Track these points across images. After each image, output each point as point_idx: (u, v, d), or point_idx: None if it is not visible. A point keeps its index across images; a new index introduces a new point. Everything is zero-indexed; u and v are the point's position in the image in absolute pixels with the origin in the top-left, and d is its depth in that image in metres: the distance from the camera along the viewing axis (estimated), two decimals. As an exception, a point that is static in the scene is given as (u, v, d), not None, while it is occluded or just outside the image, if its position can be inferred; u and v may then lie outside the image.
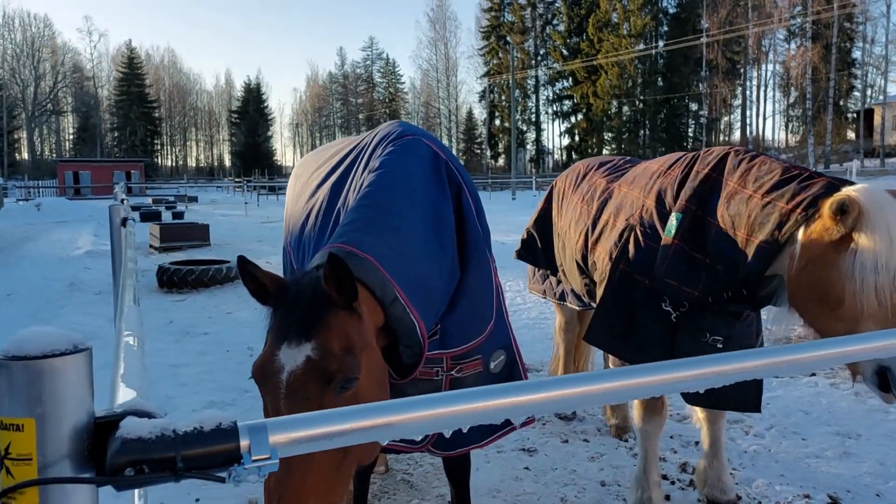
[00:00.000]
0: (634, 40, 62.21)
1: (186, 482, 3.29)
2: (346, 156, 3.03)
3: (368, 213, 2.27)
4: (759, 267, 2.68)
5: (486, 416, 0.93)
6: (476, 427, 2.61)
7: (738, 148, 3.09)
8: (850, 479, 3.83)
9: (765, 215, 2.65)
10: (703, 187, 2.97)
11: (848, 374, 5.51)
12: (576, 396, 1.02)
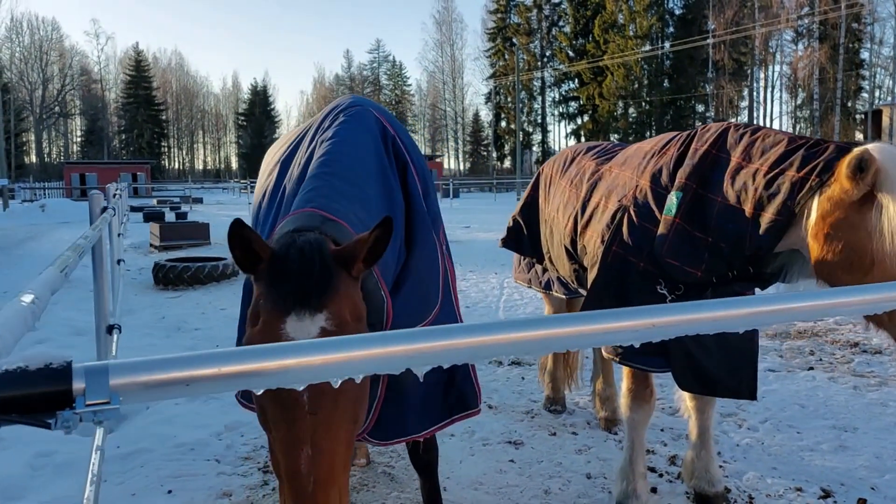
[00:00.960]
0: (640, 41, 62.05)
1: (157, 471, 3.18)
2: (299, 134, 2.92)
3: (332, 182, 2.13)
4: (770, 241, 2.57)
5: (364, 366, 0.82)
6: (414, 418, 2.49)
7: (737, 123, 2.98)
8: (845, 473, 3.70)
9: (775, 187, 2.53)
10: (702, 164, 2.86)
11: (846, 368, 5.38)
12: (475, 346, 0.92)
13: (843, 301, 1.21)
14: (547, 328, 0.94)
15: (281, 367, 0.77)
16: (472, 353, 0.88)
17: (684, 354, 3.04)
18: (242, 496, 3.54)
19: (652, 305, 0.95)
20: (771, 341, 6.43)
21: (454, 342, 0.85)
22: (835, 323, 7.04)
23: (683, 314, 1.00)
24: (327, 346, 0.81)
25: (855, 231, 2.32)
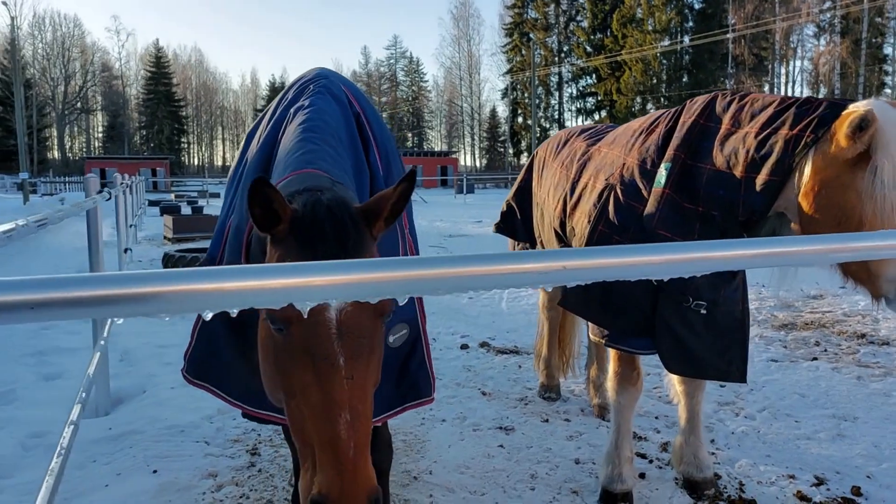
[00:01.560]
0: (659, 36, 61.47)
1: (144, 452, 3.15)
2: (263, 112, 2.87)
3: (325, 147, 2.05)
4: (764, 203, 2.51)
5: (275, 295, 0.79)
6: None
7: (724, 91, 2.92)
8: (841, 461, 3.61)
9: (768, 147, 2.49)
10: (690, 134, 2.80)
11: (851, 358, 5.27)
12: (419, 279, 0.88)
13: (794, 250, 1.15)
14: (459, 266, 0.90)
15: (141, 294, 0.74)
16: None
17: (671, 336, 2.97)
18: (228, 477, 3.52)
19: (566, 249, 0.90)
20: (776, 332, 6.32)
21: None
22: (843, 315, 6.91)
23: (596, 258, 0.95)
24: (199, 275, 0.78)
25: (845, 190, 2.29)
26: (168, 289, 0.74)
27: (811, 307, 7.33)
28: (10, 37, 66.52)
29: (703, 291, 2.91)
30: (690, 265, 0.99)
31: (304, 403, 1.47)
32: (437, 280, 0.86)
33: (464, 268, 0.90)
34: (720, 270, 1.02)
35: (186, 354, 2.40)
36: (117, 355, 5.81)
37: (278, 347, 1.52)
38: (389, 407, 2.48)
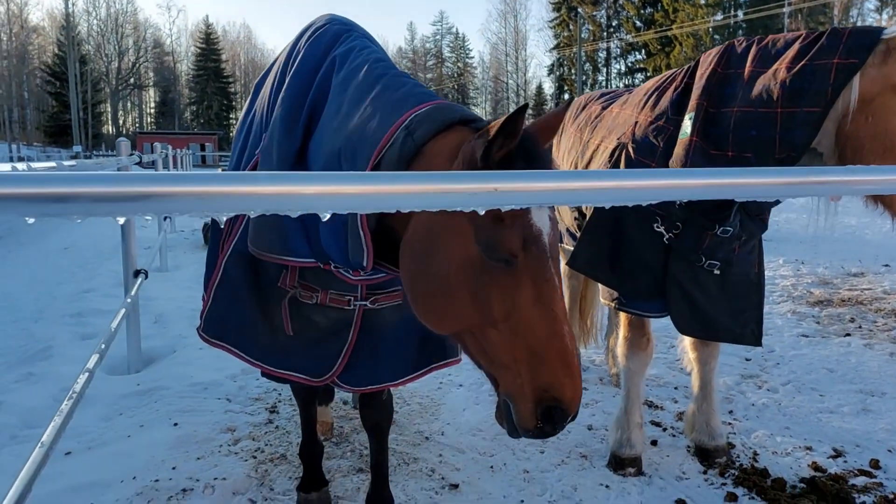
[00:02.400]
0: (712, 10, 59.61)
1: (168, 407, 3.27)
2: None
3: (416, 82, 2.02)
4: (806, 136, 2.42)
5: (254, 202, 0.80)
6: (387, 366, 2.43)
7: (738, 39, 2.83)
8: (863, 435, 3.52)
9: (805, 78, 2.39)
10: (710, 84, 2.71)
11: (886, 335, 5.11)
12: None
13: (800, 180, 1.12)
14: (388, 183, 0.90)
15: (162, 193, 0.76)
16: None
17: (683, 296, 2.93)
18: (245, 432, 3.62)
19: (498, 171, 0.89)
20: (811, 308, 6.15)
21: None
22: (882, 292, 6.68)
23: (525, 182, 0.94)
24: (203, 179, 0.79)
25: (894, 114, 2.24)
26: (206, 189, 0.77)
27: (850, 284, 7.10)
28: (66, 13, 68.21)
29: (715, 250, 2.85)
30: (616, 193, 0.97)
31: (522, 324, 1.55)
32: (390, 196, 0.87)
33: (396, 185, 0.90)
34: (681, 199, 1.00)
35: (203, 314, 2.41)
36: (152, 318, 5.99)
37: (491, 281, 1.56)
38: (416, 368, 2.49)
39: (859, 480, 3.05)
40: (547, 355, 1.54)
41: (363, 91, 1.92)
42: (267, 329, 2.33)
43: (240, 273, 2.27)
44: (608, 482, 3.08)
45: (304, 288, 2.23)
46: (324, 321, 2.31)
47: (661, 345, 4.75)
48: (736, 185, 1.06)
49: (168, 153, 11.05)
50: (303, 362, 2.36)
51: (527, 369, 1.55)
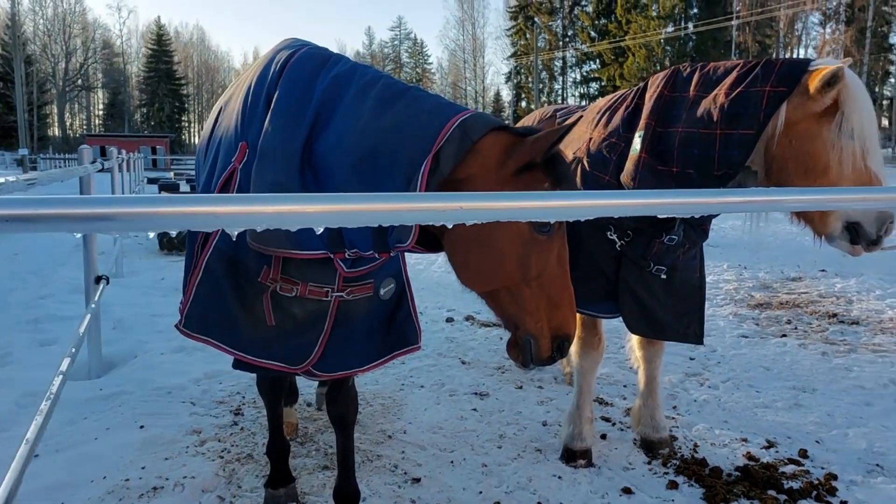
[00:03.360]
0: (663, 22, 61.12)
1: (133, 410, 3.37)
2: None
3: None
4: (741, 155, 2.66)
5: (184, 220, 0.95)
6: (356, 353, 2.60)
7: (683, 65, 3.08)
8: (794, 427, 3.80)
9: (741, 103, 2.64)
10: (658, 104, 2.95)
11: (819, 336, 5.44)
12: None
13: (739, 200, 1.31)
14: (368, 203, 1.07)
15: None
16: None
17: (633, 298, 3.17)
18: (211, 434, 3.71)
19: (462, 192, 1.06)
20: (751, 311, 6.50)
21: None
22: (818, 296, 7.09)
23: (483, 202, 1.12)
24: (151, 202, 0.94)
25: (813, 140, 2.51)
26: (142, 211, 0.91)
27: (788, 288, 7.50)
28: (11, 12, 66.16)
29: (663, 257, 3.09)
30: (565, 211, 1.15)
31: (546, 281, 2.09)
32: (358, 214, 1.03)
33: (374, 204, 1.07)
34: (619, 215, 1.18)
35: (183, 311, 2.49)
36: (111, 324, 5.99)
37: (534, 248, 2.04)
38: (380, 355, 2.68)
39: (789, 468, 3.32)
40: (561, 303, 2.11)
41: (387, 100, 2.12)
42: (248, 322, 2.46)
43: (221, 270, 2.40)
44: (561, 473, 3.28)
45: (285, 281, 2.37)
46: (301, 312, 2.45)
47: (613, 345, 4.99)
48: (678, 205, 1.24)
49: (122, 158, 10.94)
50: (283, 351, 2.50)
51: (546, 314, 2.10)
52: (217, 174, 2.39)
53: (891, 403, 4.16)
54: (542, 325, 2.09)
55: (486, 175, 2.04)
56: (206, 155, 2.63)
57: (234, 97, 2.51)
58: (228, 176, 2.31)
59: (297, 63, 2.31)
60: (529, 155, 2.01)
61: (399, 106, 2.10)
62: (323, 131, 2.15)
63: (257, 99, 2.33)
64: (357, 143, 2.08)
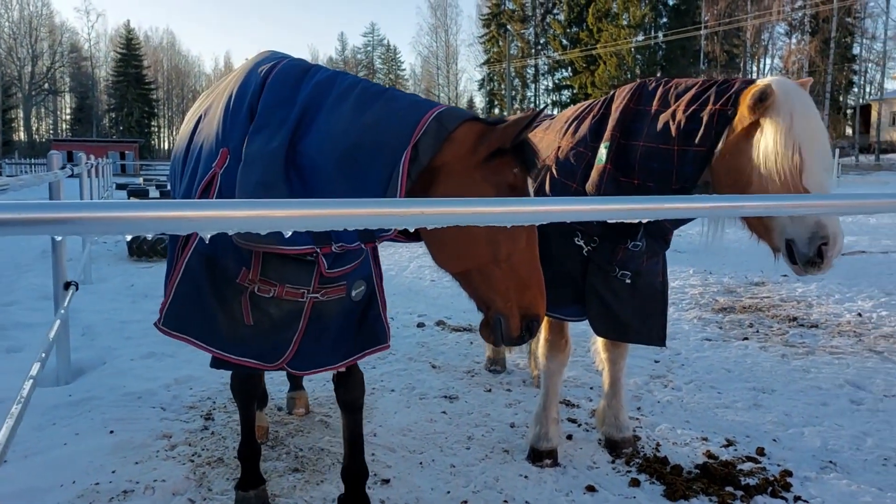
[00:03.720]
0: (633, 31, 61.99)
1: (102, 415, 3.39)
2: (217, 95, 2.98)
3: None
4: (695, 172, 2.78)
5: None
6: (328, 351, 2.70)
7: (649, 78, 3.19)
8: (752, 426, 3.93)
9: (695, 121, 2.75)
10: (624, 117, 3.06)
11: (780, 339, 5.61)
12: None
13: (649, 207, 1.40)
14: (317, 208, 1.13)
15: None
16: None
17: (600, 302, 3.27)
18: (181, 438, 3.73)
19: (423, 198, 1.13)
20: (715, 314, 6.67)
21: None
22: (780, 300, 7.29)
23: (447, 207, 1.19)
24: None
25: (741, 155, 2.63)
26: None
27: (752, 293, 7.70)
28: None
29: (627, 263, 3.20)
30: (513, 216, 1.23)
31: (515, 262, 2.20)
32: (325, 218, 1.09)
33: (343, 209, 1.14)
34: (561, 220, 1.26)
35: (163, 310, 2.57)
36: (79, 330, 5.95)
37: (503, 230, 2.14)
38: (351, 353, 2.79)
39: (746, 466, 3.44)
40: (530, 284, 2.23)
41: (366, 101, 2.25)
42: (226, 321, 2.55)
43: (200, 271, 2.49)
44: (527, 473, 3.36)
45: (263, 283, 2.48)
46: (278, 312, 2.56)
47: (580, 349, 5.09)
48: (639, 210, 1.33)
49: (91, 164, 10.83)
50: (259, 350, 2.59)
51: (516, 295, 2.22)
52: (198, 179, 2.46)
53: (845, 403, 4.31)
54: (512, 305, 2.22)
55: (461, 161, 2.18)
56: (184, 162, 2.70)
57: (214, 105, 2.59)
58: (209, 181, 2.38)
59: (280, 73, 2.42)
60: (499, 141, 2.15)
61: (378, 105, 2.23)
62: (306, 134, 2.25)
63: (239, 108, 2.41)
64: (339, 141, 2.20)
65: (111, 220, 1.00)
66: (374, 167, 2.16)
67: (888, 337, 5.84)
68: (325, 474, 3.34)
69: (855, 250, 10.95)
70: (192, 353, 5.31)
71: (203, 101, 2.94)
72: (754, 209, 1.94)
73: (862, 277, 8.49)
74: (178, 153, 2.90)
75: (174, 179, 3.01)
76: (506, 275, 2.20)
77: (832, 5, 48.66)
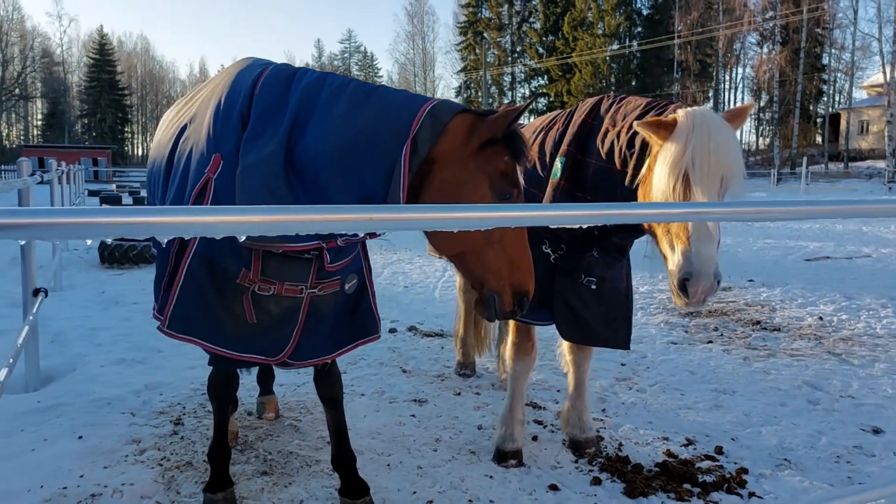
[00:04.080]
0: (609, 40, 62.66)
1: (72, 421, 3.42)
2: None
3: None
4: (634, 194, 2.88)
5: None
6: (325, 342, 2.81)
7: (609, 94, 3.29)
8: (712, 426, 4.05)
9: (631, 144, 2.87)
10: (580, 132, 3.17)
11: (742, 342, 5.75)
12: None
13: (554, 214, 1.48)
14: (285, 214, 1.20)
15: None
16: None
17: (566, 307, 3.37)
18: (150, 443, 3.75)
19: (370, 205, 1.20)
20: (681, 318, 6.82)
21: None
22: (745, 304, 7.47)
23: (394, 213, 1.27)
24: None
25: (650, 172, 2.74)
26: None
27: (718, 297, 7.87)
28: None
29: (592, 268, 3.30)
30: (453, 222, 1.31)
31: (507, 244, 2.32)
32: (288, 223, 1.16)
33: (293, 215, 1.20)
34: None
35: (167, 313, 2.64)
36: (49, 337, 5.91)
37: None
38: (345, 343, 2.93)
39: (704, 464, 3.55)
40: (520, 263, 2.35)
41: (360, 99, 2.37)
42: (229, 320, 2.65)
43: (202, 274, 2.58)
44: (492, 473, 3.43)
45: (263, 282, 2.59)
46: (277, 309, 2.67)
47: (549, 353, 5.18)
48: (556, 217, 1.41)
49: (62, 170, 10.74)
50: (262, 345, 2.71)
51: (507, 274, 2.34)
52: (189, 185, 2.54)
53: (803, 403, 4.45)
54: (504, 283, 2.35)
55: (456, 151, 2.31)
56: (169, 169, 2.78)
57: (201, 113, 2.67)
58: (203, 186, 2.47)
59: (268, 79, 2.51)
60: (490, 132, 2.28)
61: (371, 103, 2.35)
62: (301, 136, 2.36)
63: (229, 115, 2.51)
64: (335, 140, 2.31)
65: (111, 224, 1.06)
66: (375, 162, 2.29)
67: (847, 340, 6.02)
68: (293, 477, 3.38)
69: (820, 256, 11.23)
70: (162, 360, 5.33)
71: (182, 109, 3.01)
72: (627, 217, 1.95)
73: (825, 282, 8.72)
74: (158, 160, 2.97)
75: (153, 187, 3.07)
76: (498, 256, 2.33)
77: (802, 16, 49.61)
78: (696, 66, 58.93)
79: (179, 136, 2.80)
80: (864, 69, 59.41)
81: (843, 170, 47.90)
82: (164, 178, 2.85)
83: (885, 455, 3.70)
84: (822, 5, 51.88)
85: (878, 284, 8.66)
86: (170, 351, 5.56)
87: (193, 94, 3.07)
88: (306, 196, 2.34)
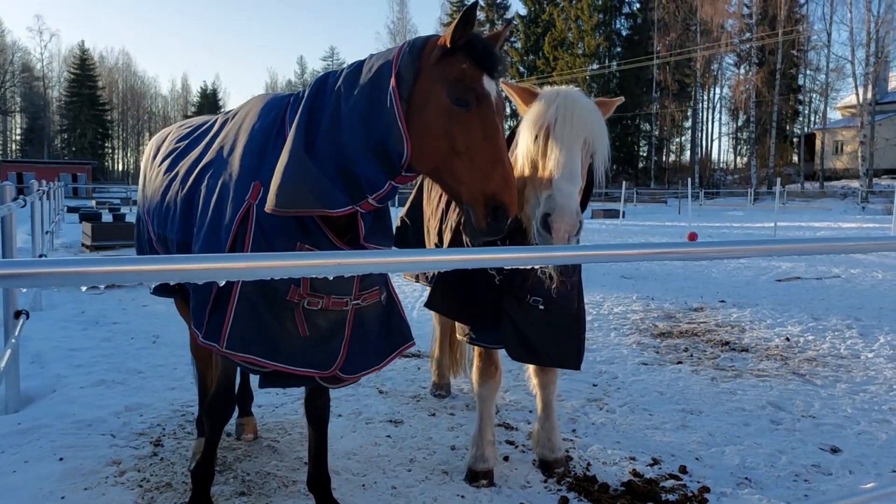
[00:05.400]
0: (588, 59, 63.54)
1: (52, 443, 3.52)
2: (207, 132, 3.33)
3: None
4: None
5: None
6: (373, 352, 2.98)
7: None
8: (678, 446, 4.20)
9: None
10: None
11: (711, 363, 5.92)
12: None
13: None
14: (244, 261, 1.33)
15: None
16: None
17: (513, 327, 3.46)
18: (131, 464, 3.82)
19: (345, 251, 1.33)
20: (653, 339, 6.99)
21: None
22: (715, 325, 7.66)
23: (359, 258, 1.40)
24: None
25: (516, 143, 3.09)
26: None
27: (690, 318, 8.07)
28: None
29: (537, 288, 3.41)
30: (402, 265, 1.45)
31: (475, 154, 2.39)
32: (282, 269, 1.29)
33: (274, 262, 1.33)
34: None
35: (223, 335, 2.72)
36: (29, 358, 5.95)
37: (457, 122, 2.41)
38: (388, 353, 3.06)
39: (668, 483, 3.69)
40: (492, 174, 2.37)
41: (353, 79, 2.64)
42: (284, 336, 2.77)
43: (254, 293, 2.72)
44: (464, 493, 3.55)
45: (312, 296, 2.72)
46: (325, 323, 2.80)
47: (522, 373, 5.31)
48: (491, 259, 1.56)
49: (43, 188, 10.76)
50: (315, 359, 2.82)
51: (479, 184, 2.38)
52: (230, 213, 2.76)
53: (766, 423, 4.62)
54: (477, 194, 2.39)
55: (427, 68, 2.49)
56: (188, 204, 3.05)
57: (228, 148, 2.99)
58: (245, 212, 2.69)
59: (303, 112, 2.72)
60: (443, 40, 2.46)
61: (364, 69, 2.63)
62: (315, 137, 2.64)
63: (264, 146, 2.81)
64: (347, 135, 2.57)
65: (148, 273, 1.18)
66: (378, 106, 2.50)
67: (811, 360, 6.22)
68: (270, 497, 3.48)
69: (791, 276, 11.50)
70: (142, 381, 5.39)
71: (183, 142, 3.35)
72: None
73: (794, 303, 8.95)
74: (171, 195, 3.21)
75: (160, 220, 3.31)
76: (467, 166, 2.39)
77: (777, 38, 50.68)
78: (675, 86, 59.94)
79: (202, 171, 3.06)
80: (838, 90, 60.95)
81: (819, 189, 48.81)
82: (184, 211, 3.09)
83: (842, 473, 3.86)
84: (796, 28, 53.08)
85: (844, 305, 8.92)
86: (150, 372, 5.63)
87: (196, 128, 3.34)
88: (330, 149, 2.57)
